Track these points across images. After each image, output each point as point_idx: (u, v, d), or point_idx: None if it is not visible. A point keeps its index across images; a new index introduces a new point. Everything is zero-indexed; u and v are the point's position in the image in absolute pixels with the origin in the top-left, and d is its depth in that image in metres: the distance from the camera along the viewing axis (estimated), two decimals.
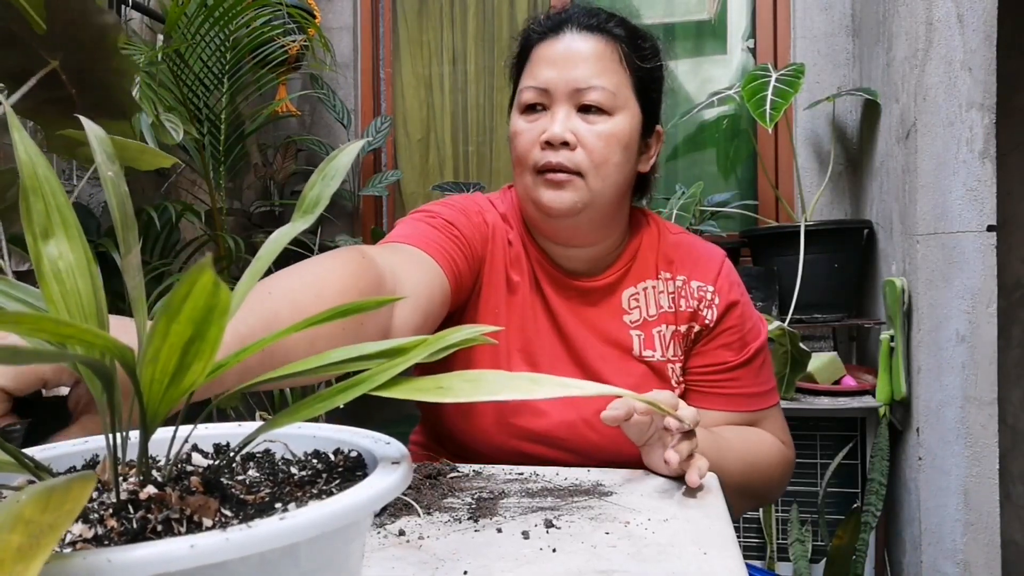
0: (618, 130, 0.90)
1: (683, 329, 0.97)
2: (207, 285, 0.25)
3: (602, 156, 0.89)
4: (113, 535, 0.28)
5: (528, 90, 0.92)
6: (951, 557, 1.52)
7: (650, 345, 0.97)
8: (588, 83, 0.89)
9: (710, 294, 0.97)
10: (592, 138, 0.89)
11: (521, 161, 0.93)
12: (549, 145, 0.89)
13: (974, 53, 1.52)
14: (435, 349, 0.33)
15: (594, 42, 0.91)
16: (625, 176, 0.93)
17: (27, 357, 0.24)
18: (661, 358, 0.97)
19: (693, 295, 0.97)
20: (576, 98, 0.90)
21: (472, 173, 2.62)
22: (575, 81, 0.89)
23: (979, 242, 1.52)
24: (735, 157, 2.45)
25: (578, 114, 0.90)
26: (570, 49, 0.91)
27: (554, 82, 0.90)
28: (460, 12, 2.62)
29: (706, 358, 0.97)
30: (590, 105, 0.90)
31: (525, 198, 0.95)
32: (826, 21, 2.25)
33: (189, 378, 0.28)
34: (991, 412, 1.51)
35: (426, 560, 0.56)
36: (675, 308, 0.98)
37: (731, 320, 0.97)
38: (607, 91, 0.89)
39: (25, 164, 0.32)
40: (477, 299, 0.96)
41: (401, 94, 2.66)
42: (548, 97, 0.91)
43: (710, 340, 0.98)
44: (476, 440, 0.94)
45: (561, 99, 0.90)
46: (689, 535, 0.61)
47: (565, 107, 0.90)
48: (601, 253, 0.98)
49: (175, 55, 1.88)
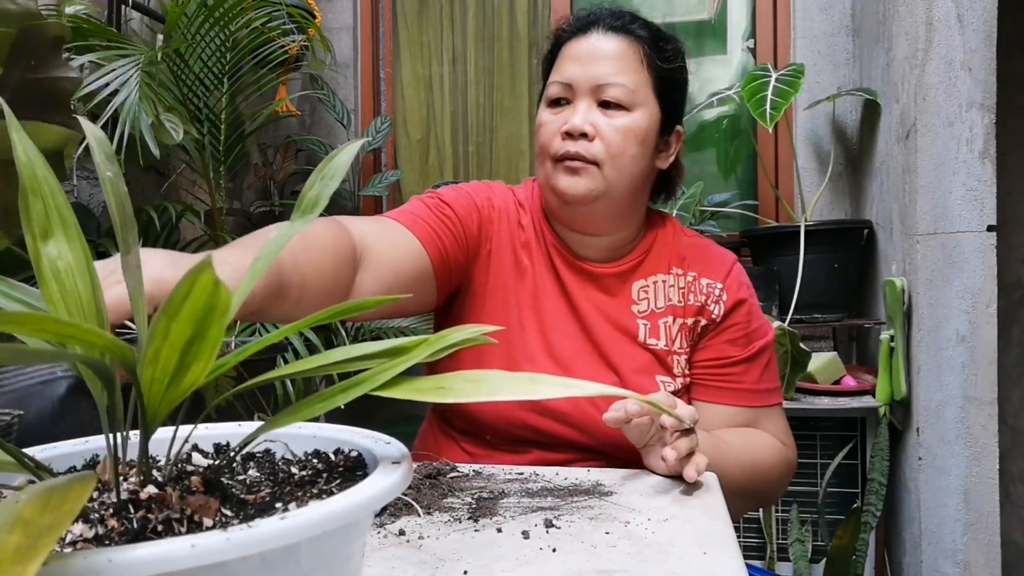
0: (635, 125, 0.95)
1: (690, 323, 1.00)
2: (207, 285, 0.25)
3: (618, 148, 0.95)
4: (114, 535, 0.28)
5: (554, 85, 0.99)
6: (951, 557, 1.52)
7: (655, 334, 1.00)
8: (608, 80, 0.95)
9: (718, 291, 1.00)
10: (610, 131, 0.95)
11: (544, 150, 0.99)
12: (569, 135, 0.95)
13: (974, 53, 1.52)
14: (436, 349, 0.33)
15: (618, 42, 0.97)
16: (640, 170, 0.98)
17: (28, 357, 0.24)
18: (665, 347, 0.99)
19: (702, 291, 1.00)
20: (597, 93, 0.96)
21: (472, 173, 2.62)
22: (596, 77, 0.95)
23: (979, 242, 1.52)
24: (735, 157, 2.45)
25: (599, 108, 0.96)
26: (595, 48, 0.97)
27: (577, 78, 0.96)
28: (460, 12, 2.62)
29: (711, 352, 1.00)
30: (610, 101, 0.95)
31: (545, 185, 1.00)
32: (826, 21, 2.25)
33: (189, 378, 0.28)
34: (991, 412, 1.51)
35: (426, 560, 0.56)
36: (684, 302, 1.01)
37: (737, 317, 1.00)
38: (626, 88, 0.95)
39: (24, 164, 0.32)
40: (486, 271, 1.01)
41: (401, 94, 2.66)
42: (572, 92, 0.97)
43: (716, 335, 1.00)
44: (485, 410, 0.97)
45: (583, 94, 0.96)
46: (689, 535, 0.61)
47: (587, 101, 0.96)
48: (616, 243, 1.02)
49: (175, 55, 1.88)
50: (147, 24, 2.12)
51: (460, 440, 1.01)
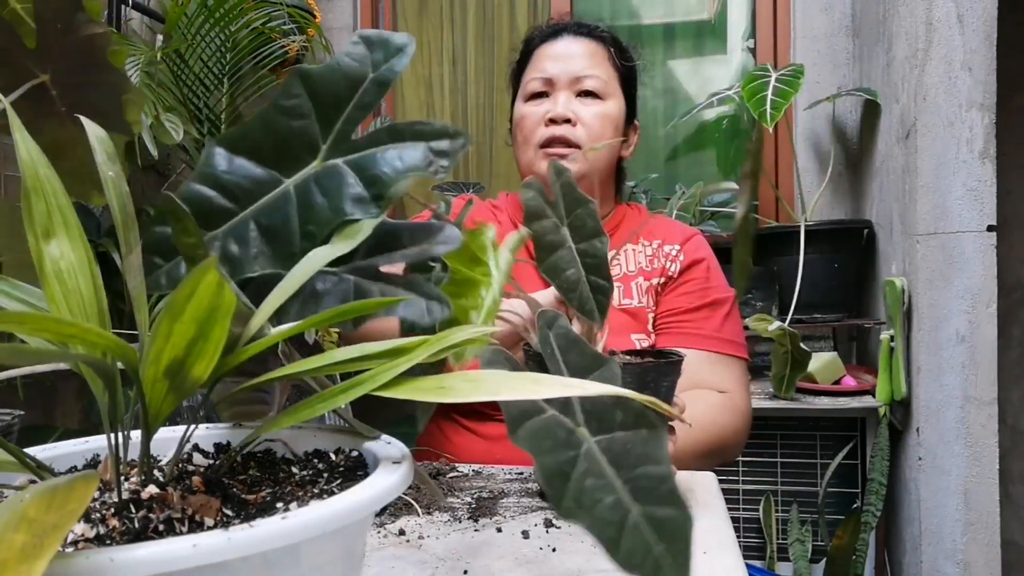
0: (610, 112, 1.09)
1: (654, 282, 1.09)
2: (211, 285, 0.25)
3: (597, 132, 1.07)
4: (115, 535, 0.28)
5: (534, 80, 1.10)
6: (951, 557, 1.52)
7: (628, 295, 1.09)
8: (585, 72, 1.08)
9: (675, 251, 1.10)
10: (589, 117, 1.07)
11: (527, 139, 1.09)
12: (552, 122, 1.06)
13: (974, 53, 1.52)
14: (437, 349, 0.33)
15: (587, 43, 1.11)
16: (613, 155, 1.12)
17: (29, 357, 0.24)
18: (639, 305, 1.08)
19: (664, 255, 1.10)
20: (575, 85, 1.08)
21: (472, 173, 2.62)
22: (574, 71, 1.08)
23: (979, 242, 1.52)
24: (735, 157, 2.45)
25: (576, 98, 1.08)
26: (568, 48, 1.10)
27: (556, 72, 1.09)
28: (460, 12, 2.62)
29: (669, 304, 1.08)
30: (587, 91, 1.08)
31: (528, 172, 1.10)
32: (826, 21, 2.25)
33: (192, 378, 0.28)
34: (991, 412, 1.51)
35: (426, 560, 0.56)
36: (650, 266, 1.10)
37: (695, 273, 1.09)
38: (600, 79, 1.08)
39: (27, 164, 0.32)
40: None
41: (401, 94, 2.66)
42: (551, 85, 1.09)
43: (674, 288, 1.09)
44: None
45: (562, 86, 1.08)
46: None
47: (566, 92, 1.08)
48: None
49: (175, 55, 1.88)
50: (147, 24, 2.12)
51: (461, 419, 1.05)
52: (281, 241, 0.39)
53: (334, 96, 0.40)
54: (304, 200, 0.40)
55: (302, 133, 0.40)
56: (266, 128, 0.40)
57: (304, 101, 0.40)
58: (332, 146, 0.40)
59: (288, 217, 0.39)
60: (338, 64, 0.40)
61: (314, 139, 0.40)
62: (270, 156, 0.40)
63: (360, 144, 0.40)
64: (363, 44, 0.41)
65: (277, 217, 0.39)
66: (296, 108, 0.40)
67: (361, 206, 0.39)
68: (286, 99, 0.40)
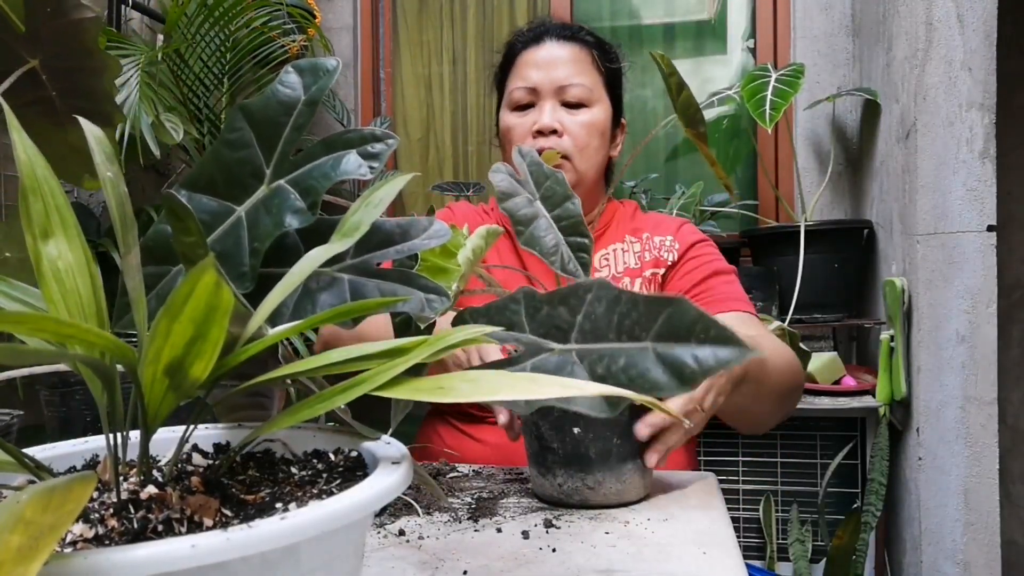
0: (596, 119, 1.07)
1: (648, 275, 1.08)
2: (209, 285, 0.25)
3: (584, 141, 1.06)
4: (114, 535, 0.28)
5: (518, 90, 1.08)
6: (951, 557, 1.52)
7: None
8: (569, 80, 1.06)
9: (670, 241, 1.09)
10: (575, 127, 1.06)
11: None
12: (540, 133, 1.05)
13: (974, 53, 1.52)
14: (436, 349, 0.33)
15: (571, 48, 1.08)
16: (602, 158, 1.11)
17: (28, 357, 0.24)
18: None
19: (655, 247, 1.09)
20: (560, 94, 1.07)
21: (472, 173, 2.62)
22: (558, 80, 1.06)
23: (979, 242, 1.52)
24: (735, 157, 2.45)
25: (562, 107, 1.07)
26: (552, 54, 1.08)
27: (540, 81, 1.07)
28: (460, 12, 2.62)
29: (676, 286, 1.07)
30: (572, 101, 1.06)
31: None
32: (826, 21, 2.25)
33: (191, 378, 0.28)
34: (991, 412, 1.51)
35: (426, 560, 0.56)
36: (640, 263, 1.09)
37: (693, 252, 1.08)
38: (585, 87, 1.07)
39: (24, 164, 0.32)
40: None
41: (401, 94, 2.66)
42: (536, 95, 1.07)
43: (675, 273, 1.08)
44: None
45: (547, 95, 1.07)
46: (689, 535, 0.61)
47: (551, 102, 1.07)
48: None
49: (175, 55, 1.88)
50: (147, 24, 2.12)
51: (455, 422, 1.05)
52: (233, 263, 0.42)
53: (272, 123, 0.44)
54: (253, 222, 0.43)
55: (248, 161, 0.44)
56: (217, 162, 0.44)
57: (246, 132, 0.44)
58: (275, 169, 0.44)
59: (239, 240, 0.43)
60: (273, 94, 0.44)
61: (258, 165, 0.44)
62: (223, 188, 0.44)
63: (299, 160, 0.43)
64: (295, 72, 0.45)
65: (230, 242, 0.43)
66: (240, 140, 0.44)
67: (299, 216, 0.42)
68: (230, 132, 0.44)
